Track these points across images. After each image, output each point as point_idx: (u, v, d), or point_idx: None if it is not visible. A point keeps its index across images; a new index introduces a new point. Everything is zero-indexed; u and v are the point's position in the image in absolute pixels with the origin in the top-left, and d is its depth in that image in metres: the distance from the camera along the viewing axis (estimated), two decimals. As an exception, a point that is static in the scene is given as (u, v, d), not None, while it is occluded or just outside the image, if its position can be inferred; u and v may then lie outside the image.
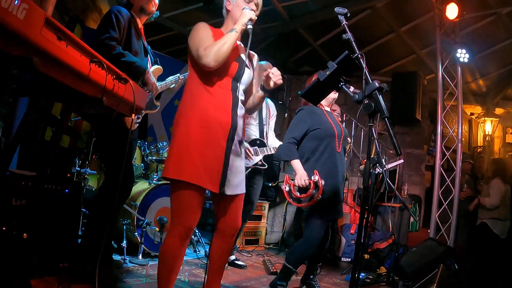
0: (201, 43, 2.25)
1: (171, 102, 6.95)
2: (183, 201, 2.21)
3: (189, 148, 2.20)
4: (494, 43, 7.47)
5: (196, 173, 2.17)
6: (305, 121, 3.43)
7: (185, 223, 2.21)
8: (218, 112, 2.28)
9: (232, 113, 2.33)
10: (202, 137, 2.22)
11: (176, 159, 2.20)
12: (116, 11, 2.87)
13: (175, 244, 2.22)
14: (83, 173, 4.04)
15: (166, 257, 2.24)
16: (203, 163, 2.20)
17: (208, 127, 2.24)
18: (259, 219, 5.87)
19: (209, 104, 2.27)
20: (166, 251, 2.24)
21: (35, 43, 1.36)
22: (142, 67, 2.88)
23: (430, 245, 4.80)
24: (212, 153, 2.24)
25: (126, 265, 3.64)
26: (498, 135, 10.74)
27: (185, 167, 2.17)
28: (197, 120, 2.24)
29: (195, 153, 2.19)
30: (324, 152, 3.36)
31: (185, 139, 2.22)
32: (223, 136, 2.29)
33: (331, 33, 7.55)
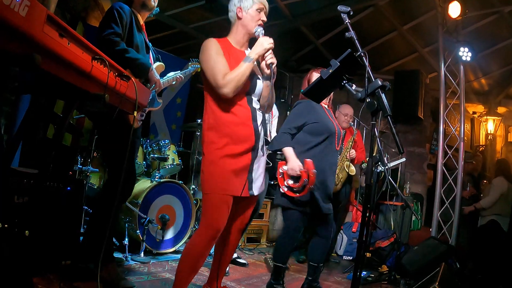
0: (217, 71, 2.32)
1: (173, 100, 6.94)
2: (215, 207, 2.33)
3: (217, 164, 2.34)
4: (496, 42, 7.44)
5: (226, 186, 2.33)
6: (303, 114, 3.40)
7: (215, 225, 2.32)
8: (242, 128, 2.40)
9: (254, 125, 2.44)
10: (229, 154, 2.34)
11: (207, 176, 2.36)
12: (118, 7, 2.86)
13: (203, 244, 2.32)
14: (85, 171, 4.04)
15: (193, 255, 2.34)
16: (232, 177, 2.35)
17: (235, 143, 2.36)
18: (261, 217, 5.87)
19: (232, 121, 2.38)
20: (193, 249, 2.35)
21: (37, 40, 1.35)
22: (146, 64, 2.87)
23: (432, 244, 4.79)
24: (239, 166, 2.38)
25: (128, 263, 3.64)
26: (500, 134, 10.71)
27: (215, 183, 2.33)
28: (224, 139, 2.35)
29: (223, 169, 2.33)
30: (318, 147, 3.33)
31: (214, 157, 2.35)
32: (249, 147, 2.41)
33: (333, 31, 7.52)
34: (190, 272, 2.36)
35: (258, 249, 5.61)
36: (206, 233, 2.32)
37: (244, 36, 2.53)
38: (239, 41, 2.53)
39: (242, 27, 2.49)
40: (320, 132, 3.35)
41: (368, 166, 2.00)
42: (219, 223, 2.32)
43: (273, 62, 2.41)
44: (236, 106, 2.39)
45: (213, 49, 2.37)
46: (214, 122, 2.38)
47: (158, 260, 3.94)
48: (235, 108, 2.39)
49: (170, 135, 6.87)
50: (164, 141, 4.79)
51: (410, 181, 7.34)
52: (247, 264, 4.46)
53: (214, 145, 2.35)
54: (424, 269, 4.14)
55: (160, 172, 4.57)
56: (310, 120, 3.36)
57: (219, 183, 2.32)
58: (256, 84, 2.48)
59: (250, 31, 2.48)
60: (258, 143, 2.46)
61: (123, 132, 2.76)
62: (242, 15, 2.47)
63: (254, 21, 2.46)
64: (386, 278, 4.56)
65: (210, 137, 2.38)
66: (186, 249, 2.37)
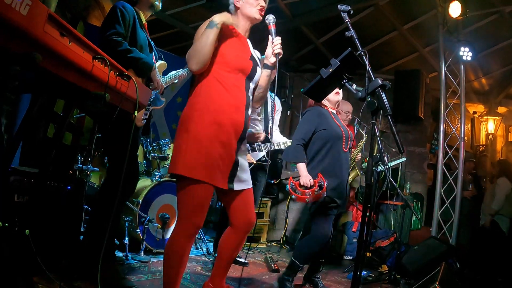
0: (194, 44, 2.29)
1: (173, 99, 6.95)
2: (192, 199, 2.17)
3: (201, 144, 2.16)
4: (497, 42, 7.44)
5: (208, 171, 2.16)
6: (312, 121, 3.50)
7: (194, 221, 2.18)
8: (234, 111, 2.28)
9: (245, 114, 2.35)
10: (215, 135, 2.20)
11: (187, 155, 2.15)
12: (121, 6, 2.85)
13: (183, 242, 2.20)
14: (85, 170, 4.04)
15: (173, 254, 2.21)
16: (215, 161, 2.19)
17: (223, 125, 2.23)
18: (261, 217, 5.87)
19: (225, 102, 2.26)
20: (173, 248, 2.21)
21: (38, 39, 1.35)
22: (149, 63, 2.87)
23: (432, 244, 4.79)
24: (224, 152, 2.23)
25: (128, 262, 3.64)
26: (501, 134, 10.72)
27: (196, 164, 2.14)
28: (212, 117, 2.21)
29: (207, 150, 2.17)
30: (329, 153, 3.45)
31: (197, 135, 2.18)
32: (235, 136, 2.29)
33: (333, 31, 7.53)
34: (177, 271, 2.22)
35: (258, 248, 5.61)
36: (185, 230, 2.19)
37: (246, 24, 2.49)
38: (242, 30, 2.50)
39: (242, 15, 2.47)
40: (328, 138, 3.45)
41: (369, 165, 2.00)
42: (198, 218, 2.19)
43: (280, 52, 2.38)
44: (233, 87, 2.30)
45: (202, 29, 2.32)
46: (206, 100, 2.25)
47: (158, 259, 3.94)
48: (232, 89, 2.30)
49: (171, 134, 6.88)
50: (165, 140, 4.79)
51: (411, 181, 7.34)
52: (247, 263, 4.46)
53: (202, 121, 2.19)
54: (424, 269, 4.14)
55: (160, 171, 4.57)
56: (319, 127, 3.47)
57: (204, 167, 2.14)
58: (256, 70, 2.43)
59: (251, 16, 2.44)
60: (244, 135, 2.37)
61: (126, 131, 2.77)
62: (239, 4, 2.45)
63: (253, 7, 2.42)
64: (386, 278, 4.56)
65: (201, 115, 2.21)
66: (167, 249, 2.22)
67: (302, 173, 3.36)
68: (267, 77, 2.51)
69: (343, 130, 3.53)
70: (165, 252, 2.24)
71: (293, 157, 3.48)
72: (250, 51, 2.47)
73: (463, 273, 4.64)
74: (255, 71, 2.42)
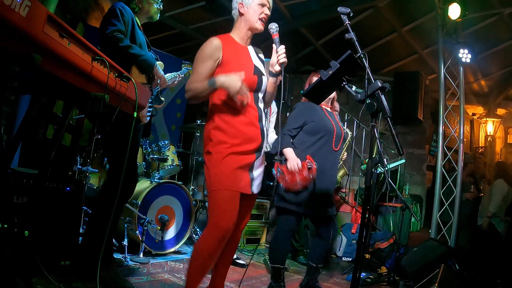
0: (194, 74, 2.37)
1: (173, 101, 6.94)
2: (225, 204, 2.30)
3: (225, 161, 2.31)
4: (496, 44, 7.45)
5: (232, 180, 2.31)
6: (301, 114, 3.45)
7: (225, 225, 2.28)
8: (249, 127, 2.40)
9: (260, 126, 2.46)
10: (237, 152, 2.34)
11: (214, 172, 2.33)
12: (120, 6, 2.87)
13: (213, 246, 2.29)
14: (84, 171, 4.04)
15: (202, 257, 2.31)
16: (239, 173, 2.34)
17: (242, 144, 2.36)
18: (260, 218, 5.86)
19: (239, 121, 2.38)
20: (202, 251, 2.31)
21: (38, 41, 1.35)
22: (151, 60, 2.89)
23: (431, 245, 4.79)
24: (245, 164, 2.39)
25: (127, 264, 3.64)
26: (500, 136, 10.73)
27: (220, 177, 2.30)
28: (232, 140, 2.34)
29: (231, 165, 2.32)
30: (315, 145, 3.37)
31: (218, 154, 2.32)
32: (253, 149, 2.42)
33: (333, 33, 7.53)
34: (200, 275, 2.34)
35: (257, 250, 5.61)
36: (216, 233, 2.28)
37: (247, 32, 2.51)
38: (243, 37, 2.52)
39: (244, 22, 2.49)
40: (317, 131, 3.38)
41: (368, 167, 2.00)
42: (229, 222, 2.29)
43: (285, 62, 2.43)
44: (245, 105, 2.37)
45: (205, 52, 2.38)
46: (222, 121, 2.37)
47: (157, 261, 3.94)
48: (244, 108, 2.37)
49: (170, 136, 6.87)
50: (164, 142, 4.79)
51: (410, 183, 7.34)
52: (247, 265, 4.46)
53: (223, 145, 2.33)
54: (423, 270, 4.13)
55: (159, 173, 4.57)
56: (309, 120, 3.40)
57: (227, 180, 2.29)
58: (262, 81, 2.49)
59: (253, 25, 2.46)
60: (263, 143, 2.48)
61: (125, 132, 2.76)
62: (244, 10, 2.46)
63: (256, 15, 2.44)
64: (386, 280, 4.56)
65: (218, 136, 2.35)
66: (195, 251, 2.34)
67: (289, 156, 3.26)
68: (273, 84, 2.57)
69: (335, 127, 3.44)
70: (195, 253, 2.34)
71: (278, 145, 3.35)
72: (252, 63, 2.49)
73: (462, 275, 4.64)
74: (261, 83, 2.48)
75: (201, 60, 2.37)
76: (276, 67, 2.46)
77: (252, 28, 2.49)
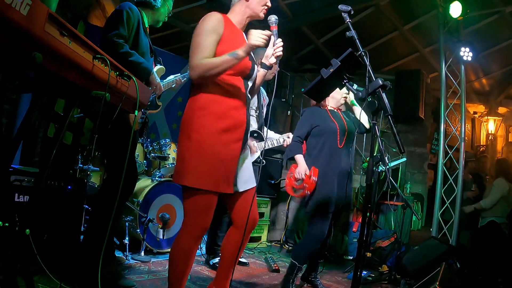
0: (198, 50, 2.20)
1: (174, 99, 6.94)
2: (198, 206, 2.20)
3: (204, 152, 2.17)
4: (497, 42, 7.44)
5: (213, 179, 2.17)
6: (307, 120, 3.65)
7: (201, 224, 2.21)
8: (236, 112, 2.29)
9: (247, 114, 2.36)
10: (217, 140, 2.20)
11: (191, 165, 2.16)
12: (128, 8, 2.86)
13: (190, 244, 2.22)
14: (85, 169, 4.04)
15: (180, 257, 2.22)
16: (218, 168, 2.20)
17: (224, 129, 2.22)
18: (261, 216, 5.86)
19: (226, 104, 2.25)
20: (180, 251, 2.23)
21: (38, 39, 1.35)
22: (148, 68, 2.89)
23: (432, 244, 4.79)
24: (229, 156, 2.25)
25: (129, 262, 3.65)
26: (501, 134, 10.72)
27: (200, 173, 2.15)
28: (214, 121, 2.20)
29: (210, 157, 2.17)
30: (323, 149, 3.54)
31: (199, 142, 2.17)
32: (239, 138, 2.30)
33: (334, 31, 7.52)
34: (183, 273, 2.24)
35: (258, 248, 5.61)
36: (193, 232, 2.21)
37: (247, 18, 2.45)
38: (240, 21, 2.45)
39: (246, 7, 2.41)
40: (321, 134, 3.57)
41: (369, 166, 2.00)
42: (205, 221, 2.22)
43: (281, 55, 2.34)
44: (233, 88, 2.28)
45: (209, 25, 2.25)
46: (207, 103, 2.23)
47: (158, 259, 3.94)
48: (232, 90, 2.27)
49: (171, 134, 6.87)
50: (165, 140, 4.79)
51: (411, 181, 7.33)
52: (248, 263, 4.46)
53: (205, 129, 2.18)
54: (424, 269, 4.13)
55: (160, 171, 4.57)
56: (314, 124, 3.60)
57: (209, 176, 2.15)
58: (254, 68, 2.41)
59: (256, 13, 2.41)
60: (247, 135, 2.38)
61: (123, 131, 2.77)
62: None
63: (260, 4, 2.40)
64: (387, 278, 4.56)
65: (203, 118, 2.20)
66: (174, 252, 2.24)
67: (299, 164, 3.53)
68: (262, 77, 2.51)
69: (338, 125, 3.55)
70: (171, 253, 2.25)
71: (290, 152, 3.65)
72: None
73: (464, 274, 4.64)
74: (253, 70, 2.41)
75: (205, 33, 2.22)
76: (271, 59, 2.38)
77: (254, 15, 2.43)
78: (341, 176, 3.52)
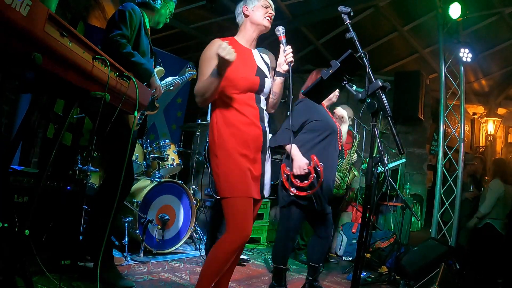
0: (199, 78, 2.36)
1: (173, 100, 6.95)
2: (238, 213, 2.28)
3: (231, 164, 2.30)
4: (497, 43, 7.45)
5: (245, 186, 2.30)
6: (304, 112, 3.39)
7: (245, 232, 2.29)
8: (251, 129, 2.39)
9: (262, 126, 2.45)
10: (242, 154, 2.33)
11: (223, 178, 2.31)
12: (130, 8, 2.86)
13: (232, 251, 2.28)
14: (85, 170, 4.04)
15: (221, 261, 2.29)
16: (246, 175, 2.32)
17: (246, 144, 2.35)
18: (261, 217, 5.86)
19: (241, 122, 2.36)
20: (221, 255, 2.28)
21: (38, 40, 1.35)
22: (150, 70, 2.89)
23: (432, 245, 4.80)
24: (251, 166, 2.37)
25: (128, 262, 3.64)
26: (501, 135, 10.73)
27: (233, 183, 2.29)
28: (233, 138, 2.33)
29: (237, 167, 2.30)
30: (320, 144, 3.33)
31: (225, 157, 2.32)
32: (257, 150, 2.42)
33: (334, 32, 7.53)
34: (214, 278, 2.32)
35: (258, 249, 5.61)
36: (237, 239, 2.27)
37: (254, 33, 2.53)
38: (248, 39, 2.55)
39: (250, 23, 2.51)
40: (323, 129, 3.35)
41: (368, 166, 2.00)
42: (248, 228, 2.30)
43: (292, 61, 2.48)
44: (245, 106, 2.38)
45: (210, 51, 2.36)
46: (223, 122, 2.36)
47: (157, 260, 3.94)
48: (244, 108, 2.38)
49: (170, 135, 6.87)
50: (164, 141, 4.79)
51: (410, 182, 7.35)
52: (249, 259, 4.48)
53: (227, 144, 2.33)
54: (423, 270, 4.14)
55: (160, 172, 4.57)
56: (312, 118, 3.36)
57: (240, 183, 2.29)
58: (264, 83, 2.48)
59: (260, 23, 2.49)
60: (266, 144, 2.49)
61: (121, 132, 2.77)
62: (249, 12, 2.50)
63: (262, 15, 2.49)
64: (386, 279, 4.56)
65: (222, 136, 2.34)
66: (214, 255, 2.31)
67: (295, 156, 3.19)
68: (280, 84, 2.59)
69: (339, 127, 3.50)
70: (213, 256, 2.31)
71: (280, 140, 3.26)
72: (255, 64, 2.50)
73: (463, 274, 4.64)
74: (263, 84, 2.47)
75: (206, 61, 2.37)
76: (284, 66, 2.50)
77: (259, 26, 2.51)
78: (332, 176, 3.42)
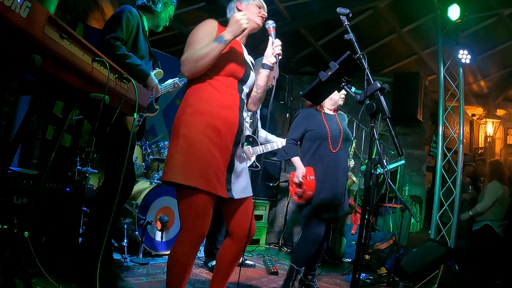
0: (191, 47, 2.20)
1: (172, 102, 6.94)
2: (194, 208, 2.07)
3: (195, 149, 2.08)
4: (496, 44, 7.46)
5: (205, 178, 2.06)
6: (301, 123, 3.64)
7: (197, 230, 2.09)
8: (227, 111, 2.21)
9: (239, 115, 2.27)
10: (208, 138, 2.11)
11: (181, 162, 2.06)
12: (127, 11, 2.86)
13: (187, 252, 2.10)
14: (84, 172, 4.04)
15: (178, 265, 2.11)
16: (210, 167, 2.09)
17: (216, 127, 2.14)
18: (260, 219, 5.86)
19: (217, 102, 2.18)
20: (178, 259, 2.11)
21: (38, 42, 1.35)
22: (145, 70, 2.88)
23: (431, 246, 4.80)
24: (219, 155, 2.14)
25: (127, 264, 3.64)
26: (499, 137, 10.74)
27: (192, 171, 2.05)
28: (204, 119, 2.13)
29: (201, 155, 2.08)
30: (316, 153, 3.54)
31: (190, 140, 2.09)
32: (230, 138, 2.21)
33: (332, 34, 7.54)
34: (181, 283, 2.14)
35: (257, 251, 5.61)
36: (189, 239, 2.08)
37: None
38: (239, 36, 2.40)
39: None
40: (315, 138, 3.56)
41: (367, 168, 2.00)
42: (201, 226, 2.09)
43: (280, 53, 2.37)
44: (225, 88, 2.23)
45: (206, 28, 2.27)
46: (196, 101, 2.19)
47: (157, 262, 3.94)
48: (223, 89, 2.22)
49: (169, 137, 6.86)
50: (164, 143, 4.79)
51: (409, 183, 7.34)
52: (254, 264, 4.49)
53: (194, 125, 2.11)
54: (423, 271, 4.14)
55: (159, 174, 4.57)
56: (309, 127, 3.60)
57: (197, 172, 2.04)
58: (249, 74, 2.38)
59: (252, 21, 2.43)
60: (240, 138, 2.28)
61: (121, 133, 2.77)
62: (242, 8, 2.46)
63: (255, 14, 2.44)
64: (385, 280, 4.56)
65: (190, 116, 2.14)
66: (172, 260, 2.13)
67: (298, 167, 3.51)
68: (266, 77, 2.46)
69: (329, 130, 3.52)
70: (169, 260, 2.16)
71: (286, 155, 3.63)
72: (243, 55, 2.42)
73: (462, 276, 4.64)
74: (248, 75, 2.36)
75: (199, 33, 2.25)
76: (271, 58, 2.40)
77: (252, 23, 2.42)
78: (338, 180, 3.50)
